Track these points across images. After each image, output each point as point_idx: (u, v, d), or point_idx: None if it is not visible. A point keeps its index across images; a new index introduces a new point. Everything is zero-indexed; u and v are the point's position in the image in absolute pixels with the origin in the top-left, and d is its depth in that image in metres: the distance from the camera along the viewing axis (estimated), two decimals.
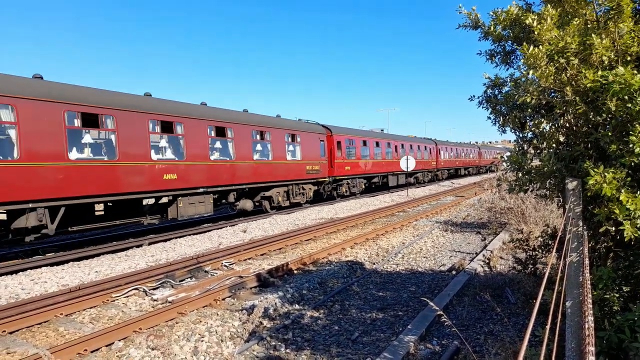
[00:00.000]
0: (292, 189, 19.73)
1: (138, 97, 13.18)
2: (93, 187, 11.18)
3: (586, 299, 2.15)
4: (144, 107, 12.81)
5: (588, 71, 3.42)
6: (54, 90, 10.67)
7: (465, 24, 4.97)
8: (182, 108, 14.34)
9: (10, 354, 5.45)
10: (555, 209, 10.78)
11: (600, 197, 3.37)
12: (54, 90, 10.67)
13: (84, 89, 11.61)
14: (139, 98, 13.17)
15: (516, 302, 6.63)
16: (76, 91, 11.27)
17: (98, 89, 12.11)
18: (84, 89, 11.66)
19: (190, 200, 14.16)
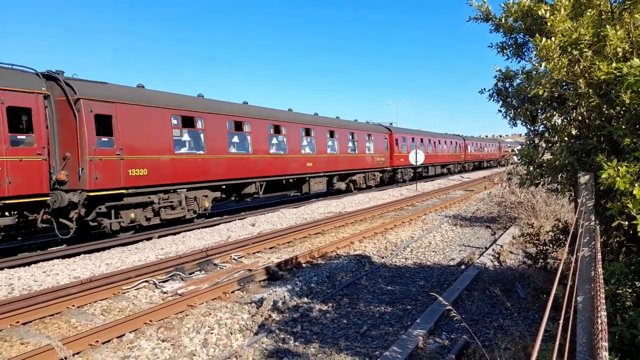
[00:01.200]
0: (368, 175, 26.32)
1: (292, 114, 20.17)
2: (279, 171, 18.32)
3: (598, 294, 2.13)
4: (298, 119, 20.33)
5: (602, 63, 3.36)
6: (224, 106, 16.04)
7: (476, 17, 4.90)
8: (309, 118, 21.54)
9: (24, 344, 5.54)
10: (566, 203, 10.68)
11: (613, 191, 3.33)
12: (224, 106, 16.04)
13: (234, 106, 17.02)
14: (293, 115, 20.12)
15: (526, 297, 6.59)
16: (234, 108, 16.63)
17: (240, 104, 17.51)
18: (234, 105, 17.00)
19: (316, 181, 21.13)
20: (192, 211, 14.21)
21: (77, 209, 10.84)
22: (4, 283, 7.96)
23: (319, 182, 21.30)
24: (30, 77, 10.43)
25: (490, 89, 5.17)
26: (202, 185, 14.43)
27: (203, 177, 14.41)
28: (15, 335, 5.80)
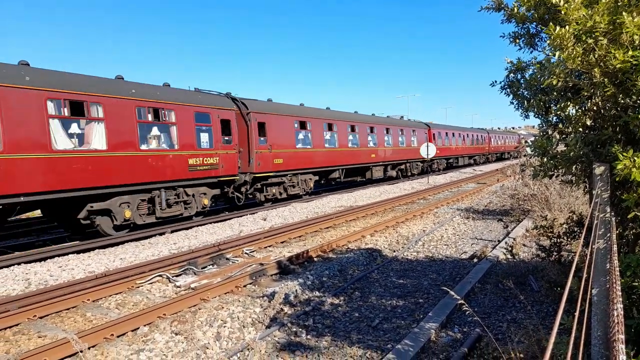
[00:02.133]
0: (412, 165, 31.22)
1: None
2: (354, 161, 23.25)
3: (614, 287, 2.09)
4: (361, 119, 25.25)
5: (618, 51, 3.29)
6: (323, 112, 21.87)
7: (488, 6, 4.83)
8: (372, 118, 26.71)
9: (41, 337, 5.64)
10: (580, 195, 10.53)
11: (629, 182, 3.26)
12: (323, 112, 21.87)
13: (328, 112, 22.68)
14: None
15: (539, 290, 6.53)
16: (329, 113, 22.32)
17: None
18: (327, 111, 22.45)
19: (376, 169, 26.07)
20: (303, 189, 19.78)
21: (247, 185, 16.60)
22: (21, 278, 8.11)
23: (378, 170, 26.35)
24: (227, 99, 16.14)
25: (502, 81, 5.10)
26: (309, 171, 19.95)
27: (310, 165, 19.85)
28: (32, 328, 5.91)
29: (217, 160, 14.64)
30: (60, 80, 10.61)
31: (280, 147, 17.77)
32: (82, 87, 10.98)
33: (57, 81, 10.53)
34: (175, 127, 13.33)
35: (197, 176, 13.98)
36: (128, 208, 11.89)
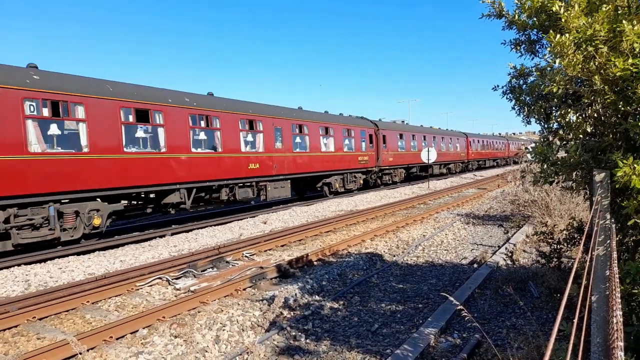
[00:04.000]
0: (455, 166, 40.18)
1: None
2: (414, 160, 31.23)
3: (614, 294, 2.10)
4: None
5: (618, 59, 3.30)
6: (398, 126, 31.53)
7: (489, 13, 4.85)
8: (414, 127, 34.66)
9: (40, 339, 5.64)
10: (581, 201, 10.53)
11: (629, 189, 3.27)
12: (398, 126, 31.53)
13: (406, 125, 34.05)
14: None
15: (539, 296, 6.52)
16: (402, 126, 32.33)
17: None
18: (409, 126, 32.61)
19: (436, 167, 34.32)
20: (398, 178, 29.47)
21: (376, 175, 26.25)
22: (20, 279, 8.12)
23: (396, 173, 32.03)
24: (369, 121, 26.25)
25: (504, 85, 5.12)
26: (402, 167, 29.38)
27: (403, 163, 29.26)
28: (32, 330, 5.91)
29: (367, 158, 24.60)
30: (130, 91, 12.08)
31: (391, 150, 27.59)
32: (149, 97, 12.49)
33: (128, 92, 11.95)
34: (353, 139, 23.43)
35: (360, 167, 24.03)
36: (337, 182, 22.02)
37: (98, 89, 11.19)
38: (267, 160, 16.74)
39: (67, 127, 10.82)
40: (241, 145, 15.59)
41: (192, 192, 13.70)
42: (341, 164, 21.82)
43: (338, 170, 21.65)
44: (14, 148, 9.35)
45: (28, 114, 9.69)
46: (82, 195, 10.76)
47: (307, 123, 19.43)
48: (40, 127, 10.05)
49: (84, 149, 10.71)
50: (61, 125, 10.61)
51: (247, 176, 15.80)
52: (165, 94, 13.23)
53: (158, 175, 12.43)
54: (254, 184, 16.20)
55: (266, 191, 16.83)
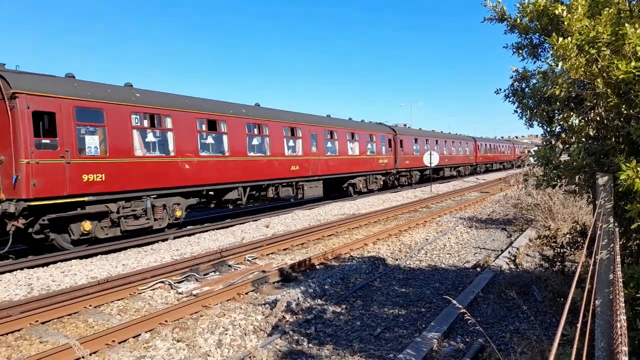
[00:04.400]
0: (464, 169, 42.20)
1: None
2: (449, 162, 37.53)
3: (617, 298, 2.09)
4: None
5: (620, 62, 3.30)
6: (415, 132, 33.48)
7: (490, 17, 4.86)
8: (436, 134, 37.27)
9: (43, 343, 5.64)
10: (584, 205, 10.49)
11: (632, 193, 3.26)
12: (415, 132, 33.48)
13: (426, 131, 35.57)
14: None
15: (543, 301, 6.49)
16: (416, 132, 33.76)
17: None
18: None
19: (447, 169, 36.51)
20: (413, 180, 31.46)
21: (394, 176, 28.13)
22: (23, 283, 8.13)
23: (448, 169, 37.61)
24: (389, 127, 28.22)
25: (506, 89, 5.12)
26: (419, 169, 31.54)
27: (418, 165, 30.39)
28: (34, 334, 5.91)
29: (386, 161, 26.40)
30: (201, 104, 14.32)
31: (408, 154, 29.45)
32: (216, 109, 14.79)
33: (200, 105, 14.22)
34: (375, 144, 25.40)
35: (380, 169, 25.88)
36: (361, 183, 24.24)
37: (180, 103, 13.51)
38: (305, 163, 18.91)
39: (160, 135, 12.92)
40: (285, 149, 17.89)
41: (247, 190, 15.88)
42: (364, 166, 23.97)
43: (362, 172, 23.87)
44: (125, 153, 11.56)
45: (134, 125, 11.91)
46: (168, 192, 12.84)
47: (337, 129, 21.68)
48: (141, 135, 12.26)
49: (171, 153, 12.89)
50: (155, 134, 12.75)
51: (289, 177, 18.00)
52: (228, 106, 15.67)
53: (222, 176, 14.62)
54: (293, 184, 18.44)
55: (303, 190, 18.95)
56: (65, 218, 10.42)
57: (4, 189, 9.58)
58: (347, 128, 22.77)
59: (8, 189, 9.55)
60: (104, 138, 11.19)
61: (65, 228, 10.71)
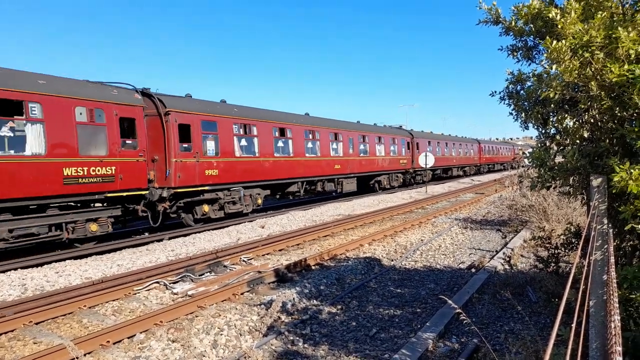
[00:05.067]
0: (470, 168, 44.97)
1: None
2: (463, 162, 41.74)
3: (611, 298, 2.11)
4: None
5: (614, 65, 3.33)
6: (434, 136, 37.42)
7: (485, 20, 4.88)
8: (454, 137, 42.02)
9: (37, 343, 5.62)
10: (578, 206, 10.56)
11: (626, 194, 3.29)
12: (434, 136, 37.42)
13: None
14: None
15: (537, 301, 6.53)
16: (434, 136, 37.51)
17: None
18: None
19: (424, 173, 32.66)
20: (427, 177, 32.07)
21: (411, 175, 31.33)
22: (17, 283, 8.08)
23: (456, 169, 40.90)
24: (406, 131, 31.79)
25: (501, 91, 5.15)
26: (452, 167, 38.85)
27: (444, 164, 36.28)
28: (28, 334, 5.88)
29: (405, 161, 29.55)
30: (275, 116, 18.31)
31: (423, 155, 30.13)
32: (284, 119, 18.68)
33: (275, 116, 18.19)
34: (396, 146, 28.52)
35: (401, 168, 29.01)
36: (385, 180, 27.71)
37: (262, 115, 17.40)
38: (344, 163, 22.65)
39: (249, 140, 16.55)
40: (331, 151, 21.63)
41: (303, 184, 19.60)
42: (388, 165, 27.55)
43: (386, 170, 27.40)
44: (229, 154, 15.32)
45: (234, 132, 15.73)
46: (253, 184, 16.51)
47: (368, 134, 25.49)
48: (238, 140, 15.99)
49: (256, 154, 16.66)
50: (247, 140, 16.41)
51: (333, 174, 21.74)
52: (292, 116, 19.44)
53: (288, 172, 18.35)
54: (335, 180, 22.19)
55: (342, 185, 22.72)
56: (193, 202, 14.15)
57: (158, 179, 12.97)
58: (376, 133, 26.59)
59: (161, 180, 13.03)
60: (217, 143, 14.82)
61: (191, 210, 14.41)
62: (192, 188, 13.70)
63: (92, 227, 11.07)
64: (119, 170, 11.56)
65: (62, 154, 10.40)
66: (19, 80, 9.75)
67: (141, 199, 12.54)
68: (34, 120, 9.89)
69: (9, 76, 9.69)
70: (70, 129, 10.50)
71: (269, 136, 17.39)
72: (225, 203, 15.14)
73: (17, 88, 9.57)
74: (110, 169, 11.35)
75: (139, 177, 12.17)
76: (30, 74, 10.25)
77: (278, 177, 17.71)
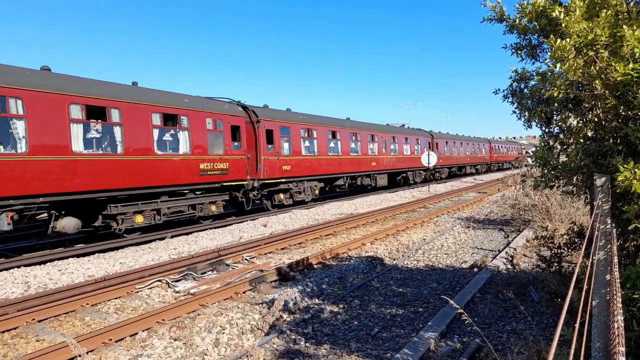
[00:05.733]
0: (482, 166, 47.75)
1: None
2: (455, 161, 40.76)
3: (615, 298, 2.09)
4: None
5: (618, 64, 3.31)
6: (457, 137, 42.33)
7: (490, 17, 4.86)
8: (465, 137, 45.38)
9: (39, 341, 5.63)
10: (581, 206, 10.53)
11: (629, 194, 3.27)
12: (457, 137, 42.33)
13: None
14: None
15: (540, 301, 6.51)
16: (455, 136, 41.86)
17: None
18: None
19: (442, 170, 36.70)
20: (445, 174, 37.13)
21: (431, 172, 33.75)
22: (20, 281, 8.10)
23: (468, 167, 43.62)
24: (427, 132, 34.83)
25: (505, 89, 5.13)
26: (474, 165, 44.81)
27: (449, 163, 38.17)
28: (31, 332, 5.90)
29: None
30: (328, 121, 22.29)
31: (441, 153, 34.32)
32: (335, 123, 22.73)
33: (327, 121, 21.96)
34: (419, 146, 31.84)
35: (422, 166, 29.58)
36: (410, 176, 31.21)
37: (320, 121, 21.32)
38: (379, 160, 26.38)
39: (311, 142, 20.33)
40: (368, 151, 25.31)
41: (348, 179, 23.50)
42: (412, 163, 30.71)
43: (411, 167, 30.83)
44: (299, 153, 19.27)
45: (301, 136, 19.64)
46: (313, 178, 20.36)
47: (397, 135, 29.30)
48: (303, 142, 19.78)
49: (315, 153, 20.40)
50: (309, 141, 20.21)
51: (370, 170, 25.31)
52: (340, 121, 23.45)
53: (337, 169, 22.18)
54: (371, 176, 25.68)
55: (376, 181, 26.17)
56: (273, 191, 18.10)
57: (250, 173, 16.35)
58: (403, 134, 30.76)
59: (252, 173, 16.59)
60: (290, 144, 18.76)
61: (271, 197, 18.31)
62: (273, 180, 17.65)
63: (212, 208, 14.87)
64: (231, 165, 15.28)
65: (199, 153, 14.00)
66: (176, 100, 13.70)
67: (241, 187, 16.22)
68: (183, 129, 13.61)
69: (170, 97, 13.59)
70: (203, 134, 14.24)
71: (325, 138, 21.29)
72: (294, 192, 19.06)
73: (175, 105, 13.44)
74: (225, 164, 15.02)
75: (242, 171, 15.92)
76: (181, 95, 14.25)
77: (330, 172, 21.65)
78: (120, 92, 11.97)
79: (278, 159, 17.63)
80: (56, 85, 10.36)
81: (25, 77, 9.85)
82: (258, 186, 16.88)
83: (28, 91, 9.69)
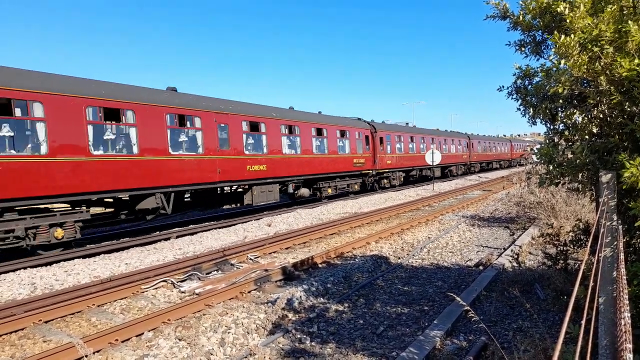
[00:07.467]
0: (503, 164, 53.01)
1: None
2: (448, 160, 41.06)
3: (621, 295, 2.08)
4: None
5: (624, 59, 3.29)
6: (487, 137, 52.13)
7: (493, 15, 4.84)
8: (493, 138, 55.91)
9: (46, 342, 5.66)
10: (587, 203, 10.47)
11: (635, 190, 3.25)
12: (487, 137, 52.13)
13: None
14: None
15: (546, 299, 6.48)
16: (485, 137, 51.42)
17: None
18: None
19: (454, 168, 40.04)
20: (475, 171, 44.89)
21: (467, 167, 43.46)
22: (26, 282, 8.16)
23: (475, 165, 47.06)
24: (465, 135, 43.12)
25: (509, 86, 5.10)
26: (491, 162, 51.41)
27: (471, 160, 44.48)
28: (37, 333, 5.93)
29: (466, 156, 41.19)
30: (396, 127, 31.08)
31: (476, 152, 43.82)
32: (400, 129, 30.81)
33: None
34: (461, 146, 40.69)
35: (462, 162, 39.84)
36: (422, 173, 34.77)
37: (402, 129, 31.03)
38: (397, 158, 29.26)
39: (400, 144, 28.22)
40: (421, 149, 31.77)
41: (418, 171, 31.09)
42: (456, 159, 38.34)
43: (455, 163, 38.22)
44: (394, 152, 27.78)
45: (396, 140, 28.12)
46: (400, 169, 28.61)
47: (446, 137, 37.04)
48: (396, 143, 28.29)
49: (402, 152, 28.27)
50: (399, 143, 28.34)
51: (424, 165, 31.12)
52: (410, 128, 29.46)
53: (413, 163, 30.18)
54: (431, 168, 31.55)
55: (434, 172, 32.05)
56: (381, 177, 27.03)
57: (371, 165, 24.68)
58: (450, 137, 37.89)
59: (371, 165, 24.83)
60: (390, 145, 27.56)
61: (380, 182, 27.04)
62: (382, 170, 26.22)
63: (356, 186, 23.92)
64: (365, 160, 24.23)
65: (353, 153, 23.28)
66: (347, 121, 23.14)
67: (367, 174, 24.87)
68: (348, 138, 23.17)
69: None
70: (353, 141, 23.49)
71: (407, 141, 29.64)
72: (391, 179, 27.45)
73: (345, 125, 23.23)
74: (363, 159, 24.07)
75: (369, 164, 24.69)
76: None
77: (409, 166, 29.58)
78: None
79: (385, 156, 26.41)
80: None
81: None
82: (374, 174, 25.56)
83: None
